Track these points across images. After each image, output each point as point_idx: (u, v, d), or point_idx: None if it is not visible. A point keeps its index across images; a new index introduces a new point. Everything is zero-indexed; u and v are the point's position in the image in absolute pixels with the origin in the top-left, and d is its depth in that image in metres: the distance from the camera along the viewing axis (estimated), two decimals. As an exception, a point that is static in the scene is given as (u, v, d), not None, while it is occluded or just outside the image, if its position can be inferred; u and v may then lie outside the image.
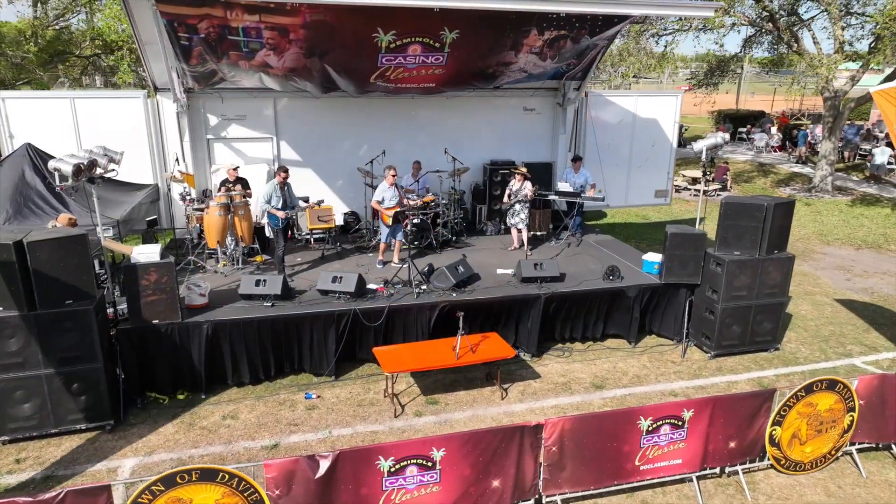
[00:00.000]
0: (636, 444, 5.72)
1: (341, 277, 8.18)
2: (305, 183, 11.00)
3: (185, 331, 7.47)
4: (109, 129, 10.05)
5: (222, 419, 7.25)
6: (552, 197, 10.55)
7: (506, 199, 10.30)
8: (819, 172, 20.39)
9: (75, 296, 6.54)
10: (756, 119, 30.83)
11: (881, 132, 28.76)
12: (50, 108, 10.05)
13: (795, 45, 19.32)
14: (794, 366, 8.82)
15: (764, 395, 6.03)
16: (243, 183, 9.65)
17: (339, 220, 10.26)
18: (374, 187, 10.93)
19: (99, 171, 6.83)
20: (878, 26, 15.12)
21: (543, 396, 7.88)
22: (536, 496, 5.68)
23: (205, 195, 10.30)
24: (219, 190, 9.51)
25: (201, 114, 10.55)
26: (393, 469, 5.10)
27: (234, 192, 9.10)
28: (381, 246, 9.67)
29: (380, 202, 9.32)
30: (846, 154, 25.23)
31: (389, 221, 9.13)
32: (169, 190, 9.94)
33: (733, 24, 17.83)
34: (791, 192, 20.64)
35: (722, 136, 8.93)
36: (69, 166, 6.30)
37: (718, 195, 20.62)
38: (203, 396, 7.65)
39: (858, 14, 18.32)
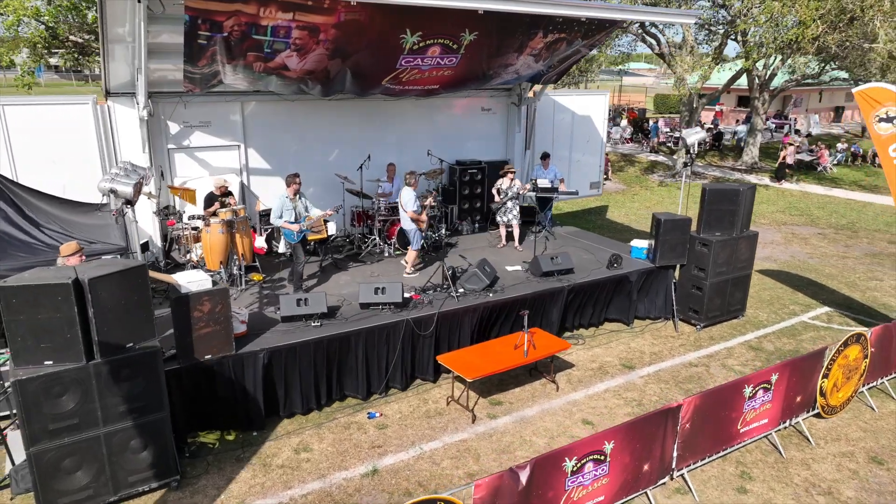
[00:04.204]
0: (741, 410, 6.34)
1: (384, 288, 7.85)
2: (276, 191, 10.20)
3: (240, 363, 6.71)
4: (50, 139, 8.53)
5: (295, 454, 6.65)
6: (531, 192, 10.95)
7: (497, 197, 10.50)
8: (680, 160, 23.17)
9: (136, 337, 5.62)
10: (605, 114, 34.08)
11: (702, 122, 33.58)
12: (-32, 117, 8.27)
13: (658, 46, 21.76)
14: (763, 328, 10.16)
15: (819, 353, 6.98)
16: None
17: (332, 230, 9.69)
18: (357, 193, 10.50)
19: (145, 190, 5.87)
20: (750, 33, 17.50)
21: (590, 383, 8.27)
22: (670, 473, 6.07)
23: (168, 211, 9.19)
24: (206, 206, 8.53)
25: (161, 121, 9.33)
26: (575, 468, 5.16)
27: (237, 206, 8.25)
28: (413, 254, 9.43)
29: (416, 211, 9.11)
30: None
31: (424, 227, 9.08)
32: (167, 208, 8.63)
33: (625, 28, 19.65)
34: (659, 178, 23.24)
35: (703, 130, 9.93)
36: (129, 187, 5.37)
37: (603, 184, 22.56)
38: (255, 434, 6.94)
39: (712, 24, 21.15)
